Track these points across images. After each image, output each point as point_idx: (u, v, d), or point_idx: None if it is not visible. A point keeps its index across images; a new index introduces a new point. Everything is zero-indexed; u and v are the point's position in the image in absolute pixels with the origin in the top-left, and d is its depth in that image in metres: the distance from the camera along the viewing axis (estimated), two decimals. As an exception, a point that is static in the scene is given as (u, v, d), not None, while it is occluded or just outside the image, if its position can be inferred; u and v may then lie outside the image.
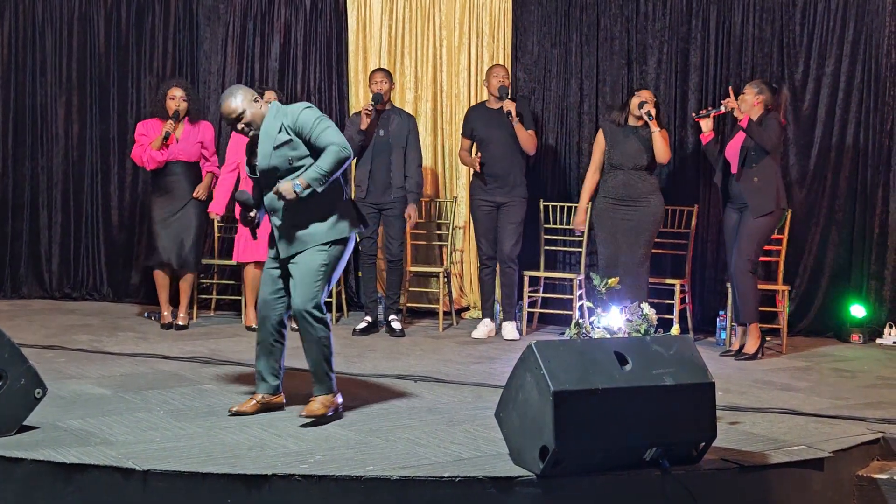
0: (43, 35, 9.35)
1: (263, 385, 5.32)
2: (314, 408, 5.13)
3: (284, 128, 5.09)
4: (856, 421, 5.39)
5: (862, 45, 7.96)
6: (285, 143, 5.09)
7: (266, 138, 5.12)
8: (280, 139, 5.09)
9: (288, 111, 5.14)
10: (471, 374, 6.45)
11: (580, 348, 4.36)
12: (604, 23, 8.41)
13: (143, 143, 7.83)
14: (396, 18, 8.87)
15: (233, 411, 5.26)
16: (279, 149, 5.09)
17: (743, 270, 7.07)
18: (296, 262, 5.13)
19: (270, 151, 5.10)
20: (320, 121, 5.10)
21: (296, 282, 5.10)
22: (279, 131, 5.10)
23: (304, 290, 5.07)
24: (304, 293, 5.07)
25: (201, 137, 7.91)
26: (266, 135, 5.12)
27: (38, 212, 9.40)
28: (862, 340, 7.87)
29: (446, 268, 8.39)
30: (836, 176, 8.05)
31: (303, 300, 5.06)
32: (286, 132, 5.09)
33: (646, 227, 7.28)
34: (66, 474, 4.31)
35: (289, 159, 5.09)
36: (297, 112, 5.11)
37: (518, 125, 7.66)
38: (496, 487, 4.26)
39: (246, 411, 5.25)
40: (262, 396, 5.31)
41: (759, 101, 7.11)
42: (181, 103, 7.79)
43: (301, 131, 5.09)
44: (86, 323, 8.12)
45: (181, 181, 7.83)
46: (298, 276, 5.10)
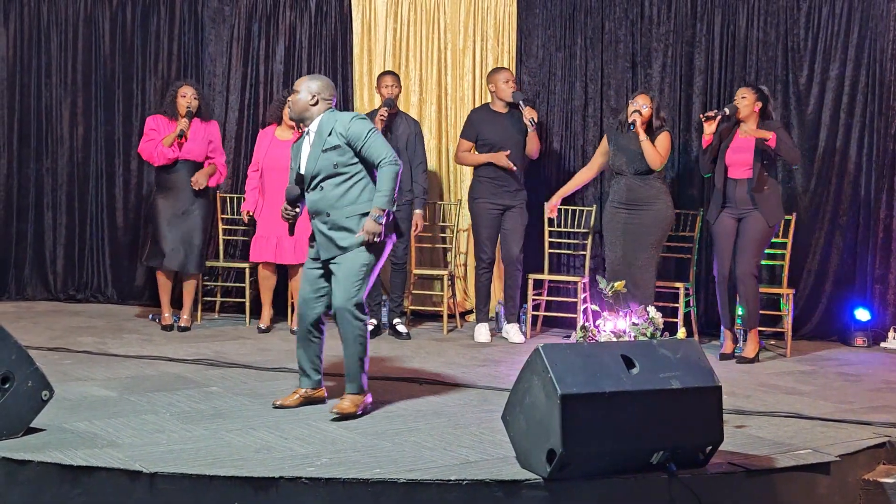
0: (48, 37, 9.36)
1: (306, 380, 5.55)
2: (345, 406, 5.30)
3: (336, 133, 5.32)
4: (862, 425, 5.39)
5: (866, 49, 7.96)
6: (334, 148, 5.31)
7: (317, 140, 5.36)
8: (330, 143, 5.32)
9: (339, 118, 5.38)
10: (476, 376, 6.45)
11: (587, 351, 4.37)
12: (608, 26, 8.42)
13: (153, 137, 7.81)
14: (401, 21, 8.87)
15: (276, 404, 5.47)
16: (327, 153, 5.32)
17: (751, 276, 7.09)
18: (338, 263, 5.33)
19: (319, 154, 5.34)
20: (371, 133, 5.33)
21: (338, 281, 5.30)
22: (329, 135, 5.32)
23: (345, 288, 5.27)
24: (345, 292, 5.27)
25: (210, 136, 7.93)
26: (317, 137, 5.37)
27: (43, 213, 9.41)
28: (866, 344, 7.87)
29: (450, 270, 8.39)
30: (841, 180, 8.05)
31: (344, 298, 5.26)
32: (337, 137, 5.31)
33: (651, 231, 7.25)
34: (72, 476, 4.32)
35: (334, 164, 5.31)
36: (349, 120, 5.34)
37: (533, 132, 7.69)
38: (503, 491, 4.26)
39: (289, 405, 5.47)
40: (305, 390, 5.54)
41: (758, 107, 7.11)
42: (193, 102, 7.80)
43: (351, 140, 5.31)
44: (91, 325, 8.12)
45: (187, 180, 7.83)
46: (341, 275, 5.30)
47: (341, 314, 5.28)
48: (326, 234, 5.34)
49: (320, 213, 5.35)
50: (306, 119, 5.45)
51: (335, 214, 5.31)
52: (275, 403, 5.48)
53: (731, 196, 7.16)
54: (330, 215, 5.32)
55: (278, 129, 7.90)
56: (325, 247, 5.35)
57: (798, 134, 8.06)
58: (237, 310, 8.70)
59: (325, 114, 5.42)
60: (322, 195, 5.34)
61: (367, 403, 5.42)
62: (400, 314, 8.00)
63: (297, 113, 5.45)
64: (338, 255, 5.31)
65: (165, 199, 7.87)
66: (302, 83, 5.49)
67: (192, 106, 7.79)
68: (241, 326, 8.21)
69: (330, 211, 5.31)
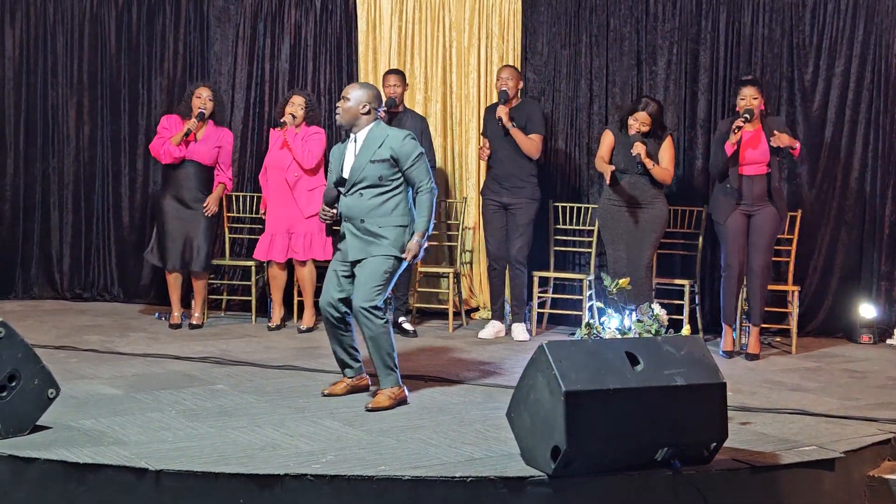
0: (54, 37, 9.38)
1: (348, 370, 5.81)
2: (381, 400, 5.51)
3: (387, 147, 5.56)
4: (867, 421, 5.39)
5: (872, 45, 7.95)
6: (382, 161, 5.55)
7: (366, 150, 5.58)
8: (380, 156, 5.55)
9: (391, 133, 5.62)
10: (481, 374, 6.46)
11: (591, 348, 4.37)
12: (613, 24, 8.41)
13: (164, 136, 7.85)
14: (406, 19, 8.88)
15: (325, 393, 5.74)
16: (375, 164, 5.55)
17: (768, 270, 7.16)
18: (362, 266, 5.54)
19: (366, 163, 5.55)
20: (419, 156, 5.61)
21: (359, 283, 5.52)
22: (380, 147, 5.55)
23: (365, 290, 5.48)
24: (365, 294, 5.48)
25: (221, 142, 7.95)
26: (367, 147, 5.58)
27: (50, 213, 9.43)
28: (872, 341, 7.86)
29: (456, 268, 8.39)
30: (846, 177, 8.04)
31: (362, 299, 5.47)
32: (388, 151, 5.55)
33: (652, 229, 7.29)
34: (79, 474, 4.33)
35: (379, 176, 5.55)
36: (402, 139, 5.60)
37: (514, 130, 7.66)
38: (508, 487, 4.27)
39: (337, 393, 5.74)
40: (351, 379, 5.81)
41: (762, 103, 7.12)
42: (207, 103, 7.83)
43: (400, 158, 5.56)
44: (97, 323, 8.14)
45: (192, 181, 7.86)
46: (363, 277, 5.51)
47: (360, 314, 5.48)
48: (358, 237, 5.56)
49: (354, 218, 5.57)
50: (355, 126, 5.63)
51: (369, 222, 5.54)
52: (324, 392, 5.75)
53: (747, 193, 7.14)
54: (364, 222, 5.54)
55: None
56: (355, 248, 5.57)
57: (803, 130, 8.05)
58: (243, 308, 8.71)
59: (374, 124, 5.63)
60: (359, 202, 5.56)
61: (404, 397, 5.62)
62: (406, 312, 8.01)
63: (348, 120, 5.63)
64: (362, 256, 5.54)
65: (170, 199, 7.91)
66: (353, 91, 5.64)
67: (206, 108, 7.81)
68: (247, 324, 8.22)
69: (364, 218, 5.54)
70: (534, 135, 7.73)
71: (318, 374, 6.31)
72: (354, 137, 5.65)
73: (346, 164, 5.65)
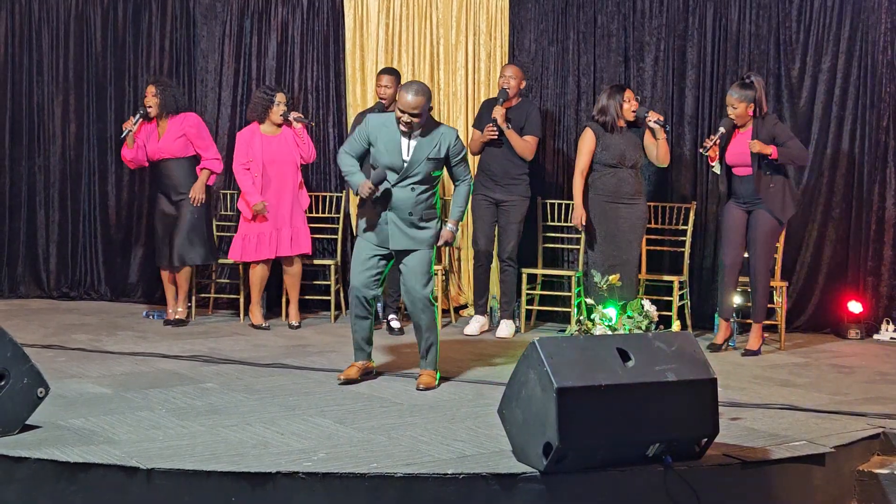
0: (39, 34, 9.34)
1: (361, 353, 6.09)
2: (427, 380, 5.91)
3: (444, 147, 5.88)
4: (856, 416, 5.41)
5: (858, 41, 7.97)
6: (437, 160, 5.89)
7: (424, 146, 5.84)
8: (437, 154, 5.86)
9: (446, 132, 5.93)
10: (472, 371, 6.45)
11: (583, 345, 4.38)
12: (601, 20, 8.42)
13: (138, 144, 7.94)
14: (393, 16, 8.86)
15: (342, 379, 5.98)
16: (431, 161, 5.86)
17: (766, 270, 7.18)
18: (412, 257, 5.89)
19: (423, 159, 5.84)
20: (464, 152, 6.03)
21: (414, 274, 5.88)
22: (436, 146, 5.85)
23: (422, 280, 5.87)
24: (422, 282, 5.87)
25: (183, 130, 7.85)
26: (425, 144, 5.84)
27: (36, 211, 9.39)
28: (859, 336, 7.90)
29: (445, 266, 8.39)
30: (833, 172, 8.07)
31: (422, 288, 5.87)
32: (444, 150, 5.88)
33: (641, 223, 7.34)
34: (69, 473, 4.31)
35: (430, 172, 5.89)
36: (455, 138, 5.94)
37: (510, 132, 7.67)
38: (500, 484, 4.27)
39: (352, 377, 6.00)
40: (363, 363, 6.09)
41: (751, 110, 7.10)
42: (152, 99, 7.81)
43: (452, 156, 5.93)
44: (84, 322, 8.12)
45: (171, 178, 7.85)
46: (417, 269, 5.88)
47: (422, 302, 5.86)
48: (403, 229, 5.87)
49: (401, 209, 5.85)
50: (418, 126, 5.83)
51: (415, 215, 5.87)
52: (339, 378, 5.98)
53: (740, 192, 7.16)
54: (412, 214, 5.86)
55: (262, 126, 7.88)
56: (399, 238, 5.88)
57: (790, 126, 8.04)
58: (231, 306, 8.70)
59: (430, 122, 5.89)
60: (410, 195, 5.86)
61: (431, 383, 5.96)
62: (395, 310, 8.00)
63: (418, 124, 5.79)
64: (411, 247, 5.87)
65: (159, 199, 7.97)
66: (418, 101, 5.74)
67: (151, 105, 7.78)
68: (236, 322, 8.21)
69: (412, 211, 5.86)
70: (529, 136, 7.74)
71: (309, 372, 6.31)
72: (410, 137, 5.85)
73: (405, 154, 5.84)
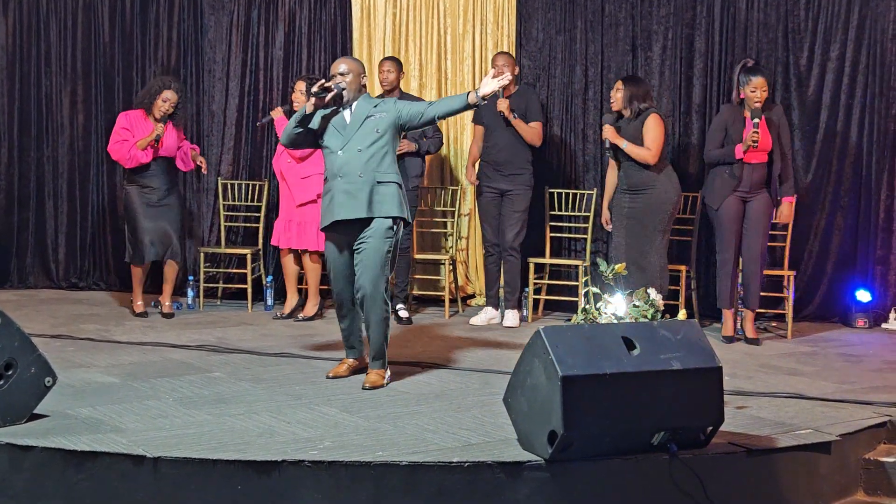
0: (47, 25, 9.36)
1: (352, 352, 5.98)
2: (374, 379, 5.68)
3: (387, 106, 5.74)
4: (862, 405, 5.40)
5: (867, 29, 7.94)
6: (379, 116, 5.71)
7: (361, 107, 5.73)
8: (377, 111, 5.71)
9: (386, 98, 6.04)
10: (477, 360, 6.46)
11: (588, 333, 4.37)
12: (608, 9, 8.40)
13: (126, 138, 7.71)
14: (400, 6, 8.86)
15: (330, 375, 5.87)
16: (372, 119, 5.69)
17: (765, 257, 7.18)
18: (363, 248, 5.61)
19: (363, 117, 5.71)
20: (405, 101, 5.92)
21: (365, 266, 5.59)
22: (375, 105, 5.74)
23: (371, 273, 5.57)
24: (372, 277, 5.57)
25: (182, 142, 7.94)
26: (362, 104, 5.74)
27: (45, 202, 9.43)
28: (867, 325, 7.88)
29: (452, 255, 8.39)
30: (842, 161, 8.04)
31: (371, 283, 5.57)
32: (385, 108, 5.74)
33: (650, 215, 7.13)
34: (76, 462, 4.32)
35: (374, 129, 5.69)
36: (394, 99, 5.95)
37: (517, 122, 7.66)
38: (505, 472, 4.27)
39: (341, 374, 5.89)
40: (353, 360, 5.97)
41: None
42: (170, 108, 7.76)
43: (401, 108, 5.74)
44: (93, 312, 8.14)
45: (160, 175, 7.83)
46: (370, 261, 5.59)
47: (370, 297, 5.58)
48: (353, 194, 5.63)
49: (350, 174, 5.65)
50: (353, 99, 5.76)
51: (366, 176, 5.65)
52: (328, 375, 5.87)
53: (747, 179, 7.13)
54: (362, 176, 5.64)
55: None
56: (347, 206, 5.63)
57: (798, 115, 8.05)
58: (239, 296, 8.72)
59: (364, 96, 5.81)
60: (357, 157, 5.67)
61: (389, 376, 5.81)
62: (403, 300, 8.00)
63: (355, 91, 5.73)
64: (361, 215, 5.60)
65: (139, 193, 7.81)
66: (346, 65, 5.74)
67: (168, 113, 7.75)
68: (243, 312, 8.23)
69: (362, 172, 5.65)
70: (534, 123, 7.73)
71: (315, 362, 6.32)
72: (351, 108, 5.72)
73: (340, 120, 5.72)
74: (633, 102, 7.17)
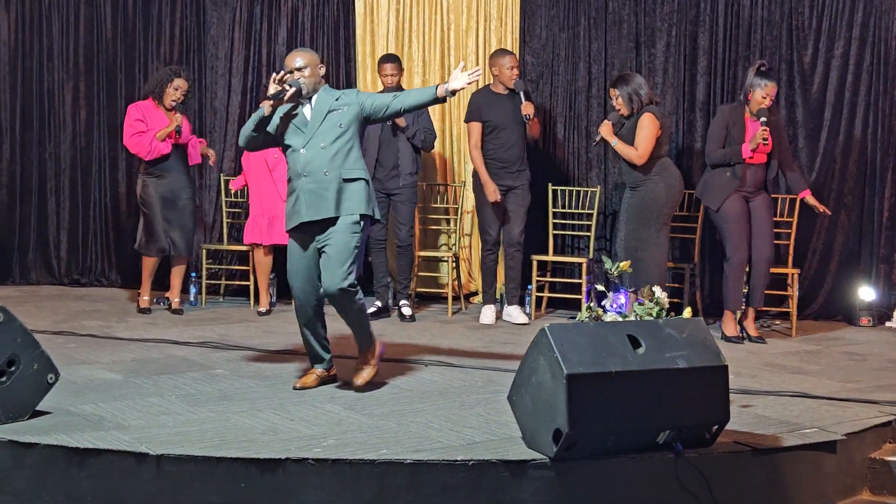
0: (50, 20, 9.34)
1: (320, 364, 5.63)
2: (366, 375, 5.49)
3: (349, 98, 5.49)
4: (868, 404, 5.38)
5: (871, 27, 7.92)
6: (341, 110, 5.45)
7: (322, 101, 5.47)
8: (338, 105, 5.46)
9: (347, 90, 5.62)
10: (481, 358, 6.44)
11: (593, 331, 4.35)
12: (612, 6, 8.38)
13: (142, 130, 7.70)
14: (404, 2, 8.84)
15: (297, 386, 5.52)
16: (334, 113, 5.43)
17: (772, 256, 7.18)
18: (329, 244, 5.33)
19: (325, 111, 5.44)
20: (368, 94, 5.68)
21: (331, 262, 5.31)
22: (336, 98, 5.47)
23: (338, 271, 5.29)
24: (338, 274, 5.28)
25: (188, 127, 7.96)
26: (322, 98, 5.48)
27: (47, 198, 9.41)
28: (871, 324, 7.87)
29: (455, 252, 8.37)
30: (845, 159, 8.03)
31: (337, 281, 5.28)
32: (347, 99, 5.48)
33: (641, 212, 7.01)
34: (79, 459, 4.31)
35: (337, 124, 5.43)
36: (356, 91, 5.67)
37: (533, 122, 7.68)
38: (509, 471, 4.26)
39: (309, 385, 5.54)
40: (321, 371, 5.62)
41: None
42: (181, 97, 7.76)
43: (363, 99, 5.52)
44: (95, 309, 8.13)
45: (175, 164, 7.83)
46: (333, 256, 5.31)
47: (339, 298, 5.32)
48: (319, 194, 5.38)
49: (315, 172, 5.38)
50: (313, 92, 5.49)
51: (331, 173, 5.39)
52: (295, 385, 5.53)
53: (750, 180, 7.10)
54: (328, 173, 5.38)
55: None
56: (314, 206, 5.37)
57: (802, 113, 8.03)
58: (241, 293, 8.71)
59: (324, 88, 5.54)
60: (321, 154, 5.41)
61: (381, 352, 5.64)
62: (406, 297, 7.98)
63: (314, 85, 5.45)
64: (329, 214, 5.33)
65: (157, 185, 7.81)
66: (303, 58, 5.46)
67: (179, 101, 7.75)
68: (246, 309, 8.22)
69: (327, 169, 5.39)
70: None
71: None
72: (311, 103, 5.45)
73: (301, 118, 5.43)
74: (633, 99, 7.09)
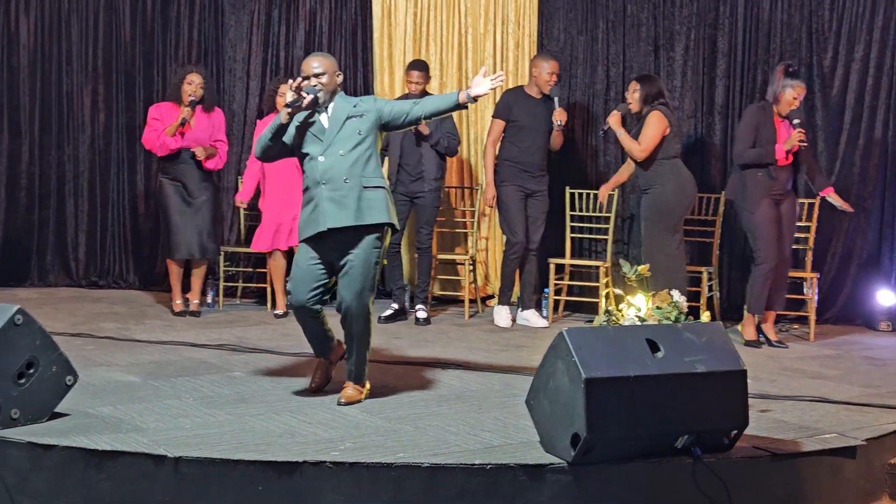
0: (69, 24, 9.38)
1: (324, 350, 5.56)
2: (350, 394, 5.33)
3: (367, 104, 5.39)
4: (888, 409, 5.35)
5: (892, 30, 7.88)
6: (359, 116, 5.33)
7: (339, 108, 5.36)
8: (356, 112, 5.34)
9: (363, 97, 5.57)
10: (499, 361, 6.43)
11: (611, 335, 4.34)
12: (630, 9, 8.36)
13: (156, 127, 7.73)
14: (421, 6, 8.84)
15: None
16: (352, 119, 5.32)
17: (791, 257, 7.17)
18: (350, 262, 5.21)
19: (343, 118, 5.33)
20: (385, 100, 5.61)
21: (352, 278, 5.21)
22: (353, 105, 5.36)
23: (357, 286, 5.20)
24: (357, 290, 5.20)
25: (213, 122, 7.89)
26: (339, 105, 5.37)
27: (65, 200, 9.44)
28: (891, 328, 7.83)
29: (472, 255, 8.36)
30: (865, 163, 7.98)
31: (356, 296, 5.20)
32: (365, 106, 5.38)
33: (651, 215, 7.02)
34: (97, 461, 4.33)
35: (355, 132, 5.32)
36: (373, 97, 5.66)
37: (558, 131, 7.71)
38: (527, 475, 4.25)
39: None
40: (322, 360, 5.57)
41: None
42: (198, 90, 7.75)
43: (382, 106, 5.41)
44: (113, 311, 8.15)
45: (193, 169, 7.81)
46: (354, 273, 5.21)
47: (355, 313, 5.22)
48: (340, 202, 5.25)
49: (335, 179, 5.26)
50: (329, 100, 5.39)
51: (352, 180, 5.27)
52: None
53: (782, 181, 7.09)
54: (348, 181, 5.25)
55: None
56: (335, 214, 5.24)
57: (822, 116, 8.00)
58: (259, 295, 8.72)
59: (340, 94, 5.45)
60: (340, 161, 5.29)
61: (368, 390, 5.45)
62: (423, 300, 7.96)
63: (331, 92, 5.35)
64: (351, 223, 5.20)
65: (173, 189, 7.82)
66: (320, 63, 5.35)
67: (195, 95, 7.71)
68: (263, 311, 8.23)
69: (347, 176, 5.26)
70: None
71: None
72: (327, 111, 5.33)
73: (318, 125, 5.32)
74: (648, 100, 7.11)
